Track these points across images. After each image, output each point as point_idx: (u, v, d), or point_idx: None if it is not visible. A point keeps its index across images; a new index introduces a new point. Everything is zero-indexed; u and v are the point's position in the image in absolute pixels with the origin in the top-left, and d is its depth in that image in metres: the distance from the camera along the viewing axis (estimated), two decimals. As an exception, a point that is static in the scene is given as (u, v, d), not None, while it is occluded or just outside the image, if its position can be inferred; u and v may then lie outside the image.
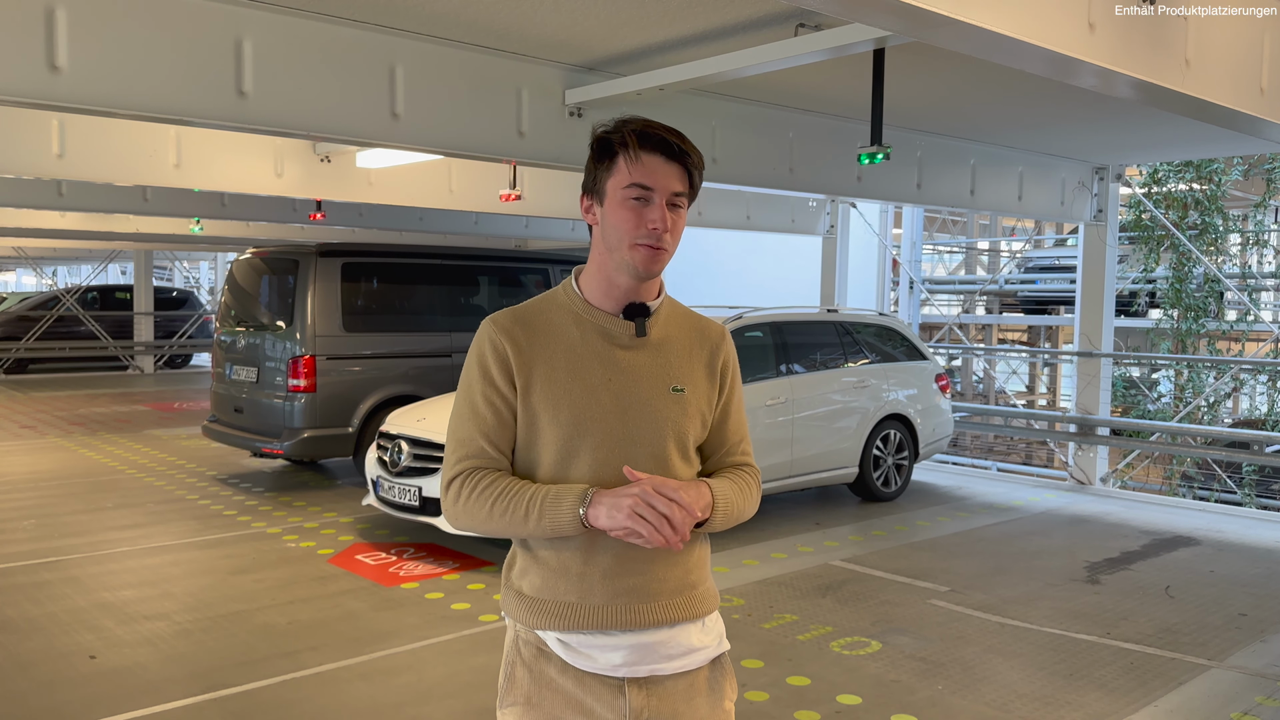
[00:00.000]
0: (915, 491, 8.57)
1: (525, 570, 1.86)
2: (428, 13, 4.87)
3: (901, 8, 2.81)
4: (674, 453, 1.84)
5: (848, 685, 4.29)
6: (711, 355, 1.93)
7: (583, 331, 1.84)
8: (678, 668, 1.85)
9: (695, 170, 1.81)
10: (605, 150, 1.80)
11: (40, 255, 24.12)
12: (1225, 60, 3.96)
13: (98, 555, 6.16)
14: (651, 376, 1.84)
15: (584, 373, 1.81)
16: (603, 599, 1.80)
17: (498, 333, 1.83)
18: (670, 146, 1.77)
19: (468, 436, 1.83)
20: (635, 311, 1.85)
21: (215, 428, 8.62)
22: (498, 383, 1.81)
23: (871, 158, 5.14)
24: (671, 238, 1.79)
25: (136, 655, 4.53)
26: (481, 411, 1.83)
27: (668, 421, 1.83)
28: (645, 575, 1.82)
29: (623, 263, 1.80)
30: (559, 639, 1.83)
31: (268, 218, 11.48)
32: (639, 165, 1.77)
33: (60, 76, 4.27)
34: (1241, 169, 13.89)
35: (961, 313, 18.26)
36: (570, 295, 1.88)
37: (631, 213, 1.77)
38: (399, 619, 5.07)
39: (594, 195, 1.84)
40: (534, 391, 1.80)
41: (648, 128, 1.79)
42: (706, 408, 1.90)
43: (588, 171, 1.85)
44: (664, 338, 1.89)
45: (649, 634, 1.82)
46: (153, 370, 19.69)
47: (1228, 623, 5.24)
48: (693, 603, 1.87)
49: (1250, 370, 14.01)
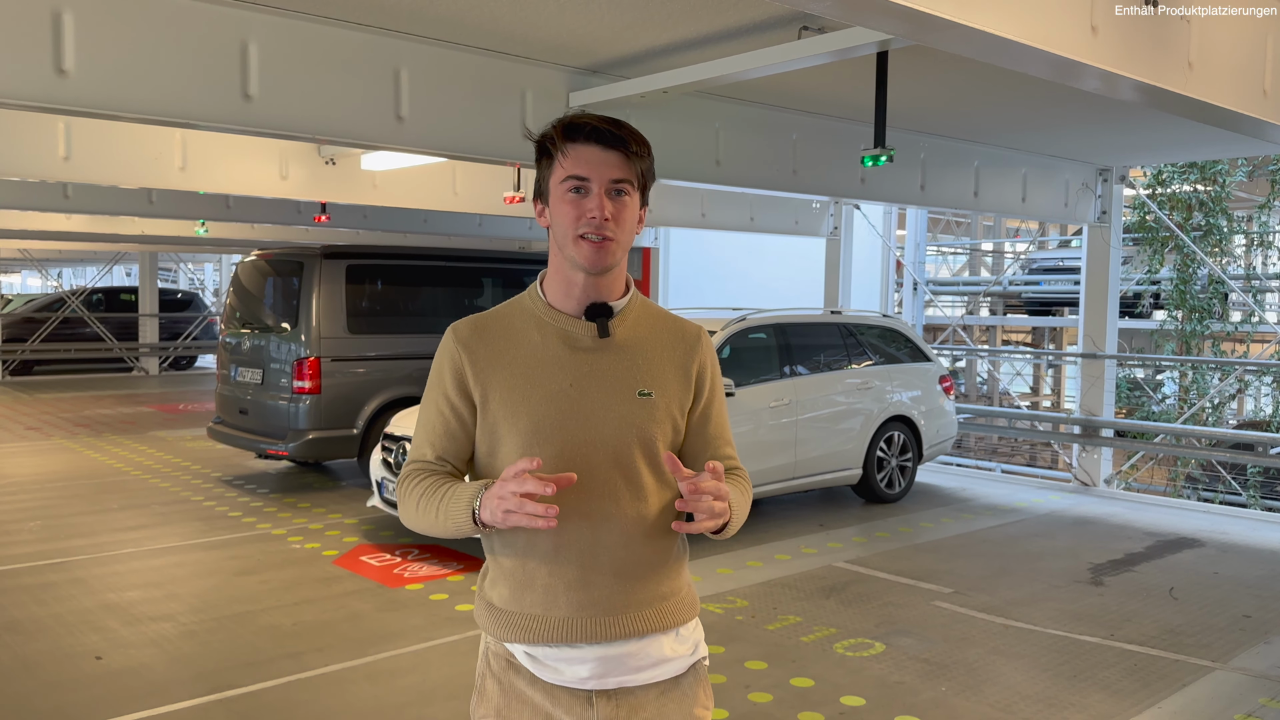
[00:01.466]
0: (919, 493, 8.57)
1: (495, 581, 1.83)
2: (432, 16, 4.89)
3: (903, 11, 2.82)
4: (640, 458, 1.77)
5: (851, 687, 4.30)
6: (686, 357, 1.86)
7: (544, 336, 1.79)
8: (648, 679, 1.80)
9: (637, 155, 1.74)
10: (542, 150, 1.78)
11: (46, 257, 24.19)
12: (1228, 62, 3.96)
13: (103, 556, 6.18)
14: (616, 379, 1.78)
15: (543, 379, 1.76)
16: (568, 611, 1.75)
17: (455, 343, 1.81)
18: (603, 134, 1.72)
19: (418, 444, 1.84)
20: (597, 311, 1.79)
21: (220, 429, 8.65)
22: (450, 394, 1.80)
23: (875, 160, 5.15)
24: (617, 225, 1.73)
25: (142, 656, 4.55)
26: (431, 420, 1.82)
27: (632, 427, 1.77)
28: (611, 588, 1.76)
29: (571, 259, 1.76)
30: (526, 652, 1.79)
31: (273, 220, 11.51)
32: (569, 156, 1.73)
33: (67, 80, 4.29)
34: (1246, 170, 13.87)
35: (965, 314, 18.24)
36: (534, 299, 1.85)
37: (570, 205, 1.73)
38: (403, 620, 5.08)
39: (541, 197, 1.81)
40: (492, 401, 1.77)
41: (576, 119, 1.75)
42: (678, 412, 1.83)
43: (536, 176, 1.83)
44: (632, 339, 1.82)
45: (617, 646, 1.77)
46: (158, 372, 19.74)
47: (1232, 624, 5.24)
48: (664, 614, 1.81)
49: (1255, 372, 13.98)
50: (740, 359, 7.14)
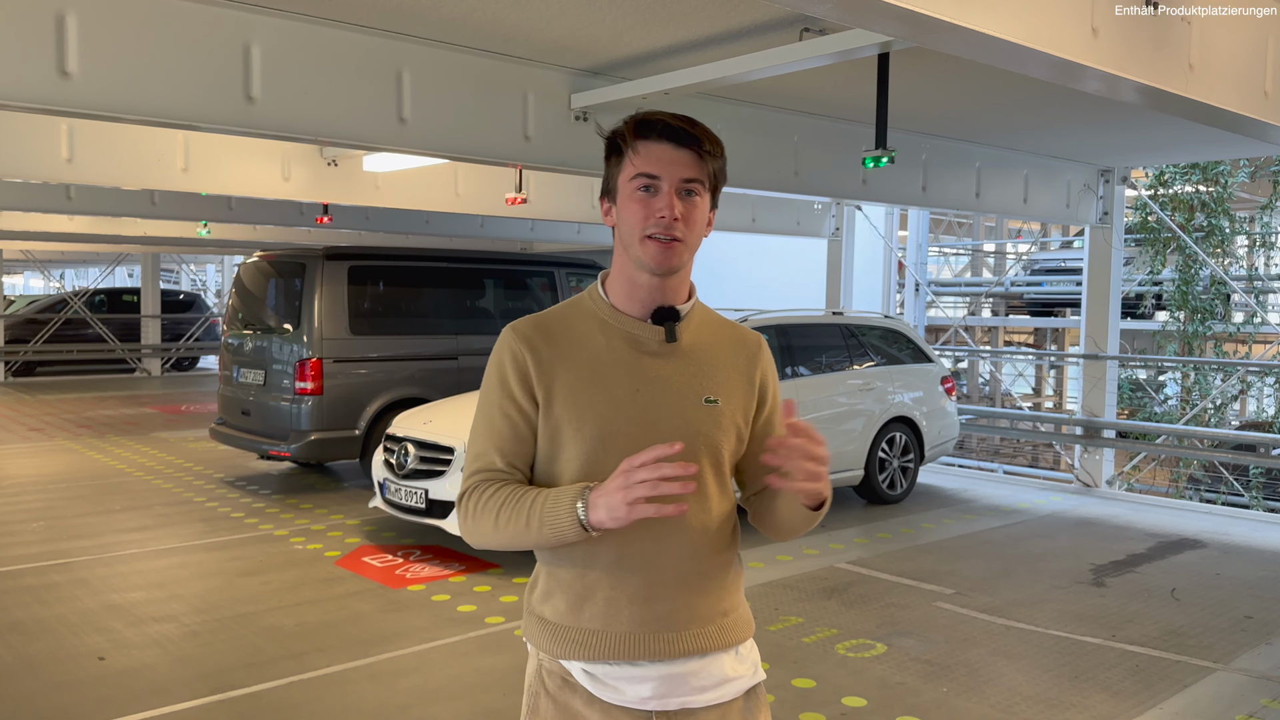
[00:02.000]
0: (921, 494, 8.57)
1: (548, 594, 1.75)
2: (434, 18, 4.90)
3: (904, 14, 2.83)
4: (707, 468, 1.71)
5: (853, 687, 4.30)
6: (749, 364, 1.81)
7: (608, 338, 1.73)
8: (710, 700, 1.72)
9: (710, 155, 1.69)
10: (612, 147, 1.72)
11: (48, 258, 24.24)
12: (1229, 64, 3.97)
13: (106, 557, 6.19)
14: (682, 386, 1.72)
15: (609, 383, 1.69)
16: (629, 627, 1.68)
17: (517, 341, 1.72)
18: (675, 132, 1.66)
19: (482, 450, 1.73)
20: (664, 316, 1.73)
21: (222, 430, 8.66)
22: (516, 395, 1.71)
23: (876, 161, 5.15)
24: (686, 226, 1.68)
25: (145, 657, 4.56)
26: (497, 425, 1.72)
27: (699, 435, 1.71)
28: (675, 601, 1.70)
29: (638, 259, 1.70)
30: (584, 670, 1.71)
31: (275, 221, 11.54)
32: (640, 154, 1.67)
33: (70, 82, 4.30)
34: (1248, 171, 13.87)
35: (967, 315, 18.24)
36: (596, 300, 1.77)
37: (639, 204, 1.68)
38: (405, 621, 5.09)
39: (609, 195, 1.76)
40: (556, 404, 1.69)
41: (649, 116, 1.69)
42: (743, 421, 1.77)
43: (604, 175, 1.78)
44: (696, 344, 1.77)
45: (680, 664, 1.70)
46: (160, 373, 19.76)
47: (1234, 625, 5.24)
48: (725, 630, 1.75)
49: (1257, 372, 13.97)
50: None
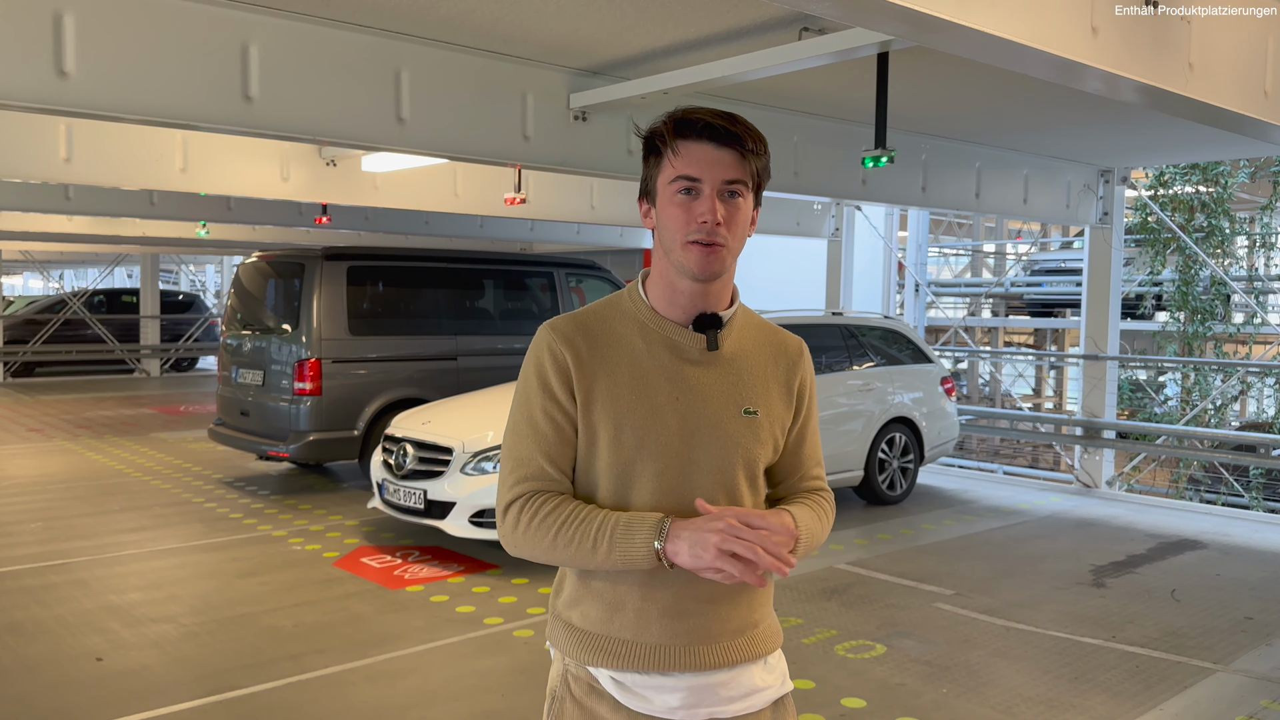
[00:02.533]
0: (920, 495, 8.56)
1: (576, 600, 1.72)
2: (433, 18, 4.89)
3: (904, 12, 2.82)
4: (742, 480, 1.69)
5: (853, 689, 4.29)
6: (789, 373, 1.77)
7: (649, 343, 1.68)
8: (739, 710, 1.71)
9: (753, 154, 1.63)
10: (650, 147, 1.66)
11: (47, 259, 24.23)
12: (1229, 63, 3.96)
13: (104, 558, 6.18)
14: (722, 396, 1.68)
15: (649, 389, 1.65)
16: (660, 638, 1.66)
17: (558, 341, 1.66)
18: (717, 131, 1.60)
19: (527, 455, 1.67)
20: (707, 323, 1.68)
21: (221, 431, 8.65)
22: (558, 395, 1.65)
23: (876, 161, 5.15)
24: (729, 230, 1.62)
25: (143, 658, 4.55)
26: (541, 427, 1.66)
27: (738, 447, 1.68)
28: (707, 615, 1.68)
29: (679, 265, 1.64)
30: (613, 677, 1.69)
31: (274, 221, 11.53)
32: (680, 155, 1.61)
33: (68, 82, 4.29)
34: (1248, 171, 13.86)
35: (967, 315, 18.23)
36: (636, 302, 1.72)
37: (679, 208, 1.62)
38: (404, 622, 5.08)
39: (647, 197, 1.70)
40: (595, 407, 1.65)
41: (688, 114, 1.62)
42: (780, 431, 1.75)
43: (643, 174, 1.72)
44: (737, 352, 1.72)
45: (709, 675, 1.69)
46: (159, 373, 19.75)
47: (1234, 626, 5.23)
48: (755, 642, 1.74)
49: (1257, 373, 13.97)
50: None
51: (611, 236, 14.56)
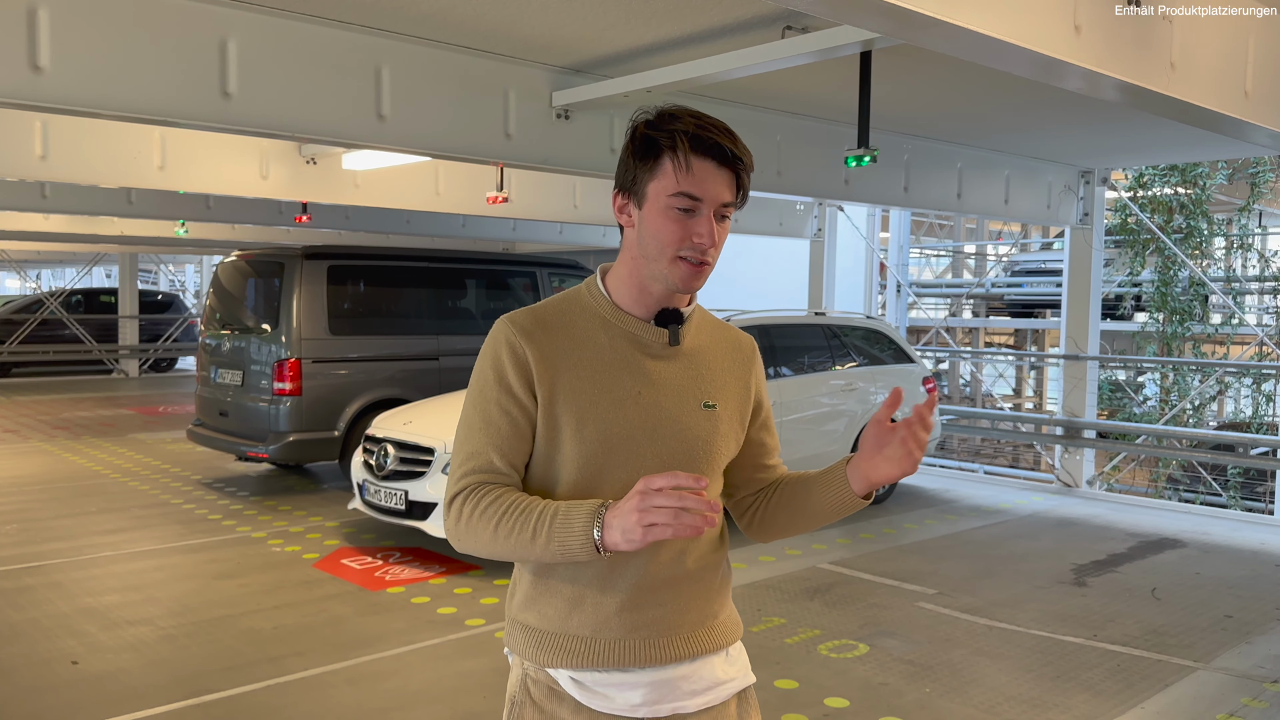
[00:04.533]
0: (902, 494, 8.58)
1: (531, 600, 1.70)
2: (414, 14, 4.85)
3: (888, 9, 2.81)
4: (704, 474, 1.69)
5: (836, 688, 4.28)
6: (744, 369, 1.79)
7: (611, 337, 1.67)
8: (702, 704, 1.71)
9: (746, 175, 1.63)
10: (650, 149, 1.61)
11: (24, 258, 23.98)
12: (1210, 63, 3.97)
13: (81, 560, 6.11)
14: (683, 390, 1.69)
15: (612, 383, 1.64)
16: (619, 633, 1.65)
17: (517, 334, 1.64)
18: (724, 152, 1.58)
19: (478, 449, 1.64)
20: (669, 318, 1.69)
21: (200, 431, 8.57)
22: (515, 390, 1.63)
23: (858, 160, 5.15)
24: (715, 251, 1.62)
25: (120, 661, 4.49)
26: (496, 421, 1.63)
27: (699, 440, 1.68)
28: (666, 606, 1.67)
29: (660, 275, 1.63)
30: (572, 678, 1.67)
31: (253, 220, 11.43)
32: (689, 174, 1.57)
33: (42, 77, 4.23)
34: (1226, 173, 13.97)
35: (948, 316, 18.30)
36: (596, 297, 1.71)
37: (675, 224, 1.59)
38: (385, 623, 5.03)
39: (631, 195, 1.64)
40: (558, 402, 1.63)
41: (701, 130, 1.58)
42: (738, 425, 1.76)
43: (624, 165, 1.65)
44: (696, 347, 1.74)
45: (671, 669, 1.68)
46: (137, 374, 19.57)
47: (1214, 625, 5.26)
48: (716, 633, 1.74)
49: (1235, 373, 14.08)
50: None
51: (594, 236, 14.54)
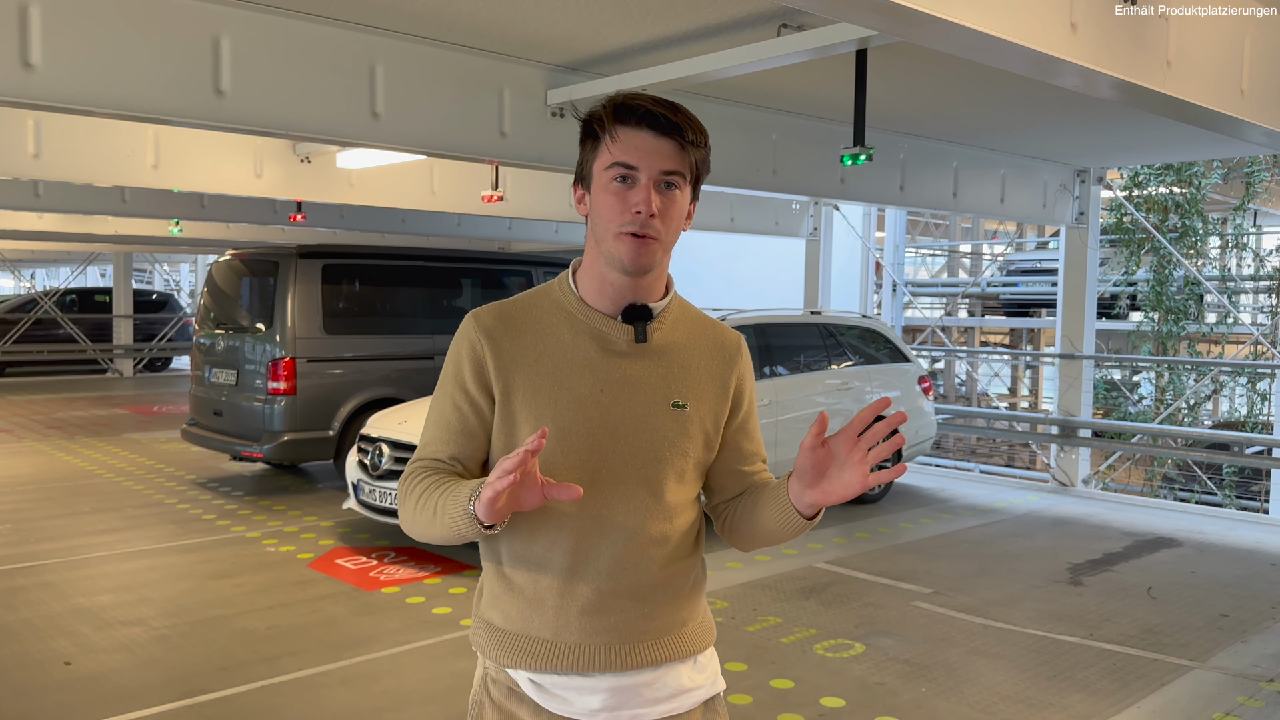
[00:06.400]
0: (898, 494, 8.57)
1: (496, 599, 1.67)
2: (408, 12, 4.84)
3: (885, 6, 2.80)
4: (670, 476, 1.64)
5: (832, 688, 4.27)
6: (725, 368, 1.72)
7: (575, 334, 1.64)
8: (664, 711, 1.66)
9: (693, 145, 1.57)
10: (588, 131, 1.61)
11: (18, 257, 23.91)
12: (1206, 61, 3.97)
13: (74, 560, 6.08)
14: (650, 389, 1.64)
15: (572, 381, 1.61)
16: (580, 636, 1.61)
17: (477, 331, 1.64)
18: (657, 119, 1.54)
19: (429, 439, 1.67)
20: (635, 314, 1.64)
21: (194, 431, 8.54)
22: (469, 387, 1.63)
23: (854, 159, 5.14)
24: (663, 223, 1.57)
25: (112, 661, 4.47)
26: (447, 416, 1.65)
27: (664, 441, 1.63)
28: (630, 613, 1.62)
29: (610, 256, 1.59)
30: (531, 679, 1.64)
31: (248, 219, 11.40)
32: (618, 142, 1.56)
33: (34, 74, 4.21)
34: (1221, 172, 13.99)
35: (944, 315, 18.31)
36: (565, 292, 1.68)
37: (614, 197, 1.56)
38: (379, 624, 5.02)
39: (583, 183, 1.64)
40: (515, 400, 1.61)
41: (629, 99, 1.57)
42: (712, 427, 1.69)
43: (579, 159, 1.67)
44: (670, 344, 1.68)
45: (633, 675, 1.63)
46: (132, 373, 19.52)
47: (1209, 623, 5.26)
48: (683, 640, 1.68)
49: (1230, 372, 14.10)
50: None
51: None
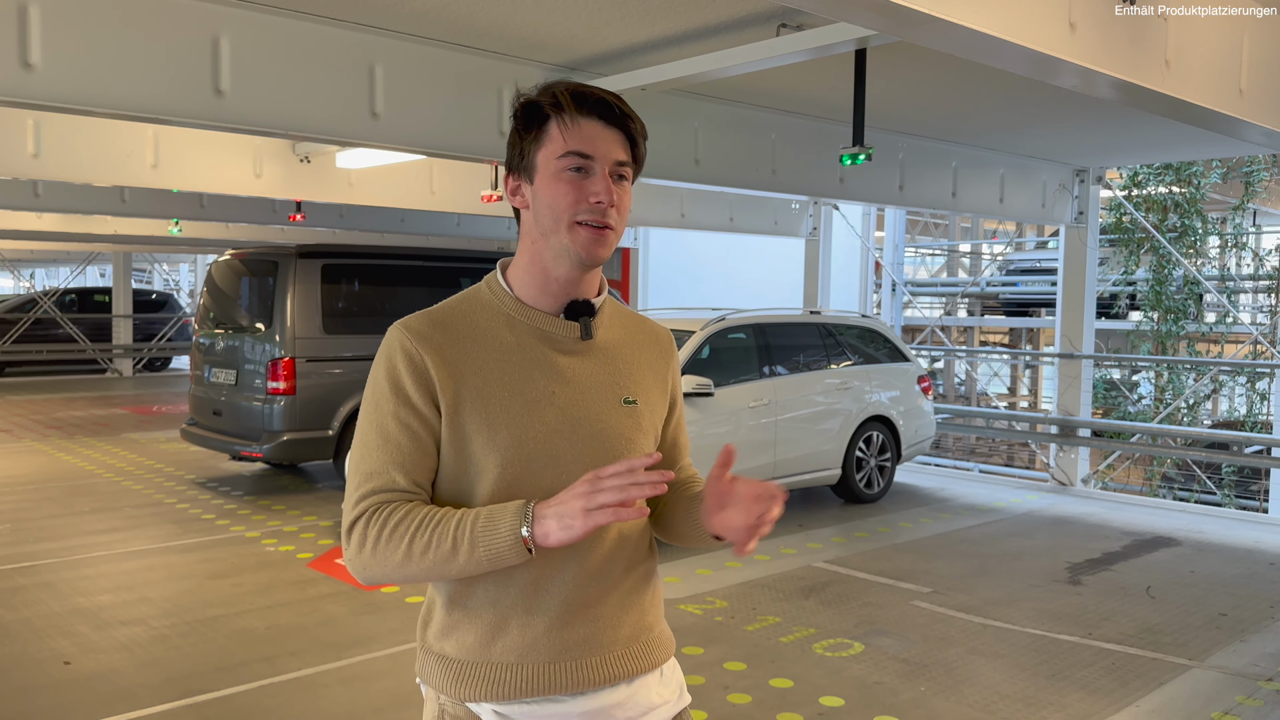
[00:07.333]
0: (897, 493, 8.58)
1: (450, 627, 1.56)
2: (408, 11, 4.84)
3: (884, 6, 2.80)
4: None
5: (831, 687, 4.28)
6: (662, 364, 1.70)
7: (518, 335, 1.56)
8: None
9: (639, 138, 1.55)
10: (533, 117, 1.53)
11: (17, 257, 23.91)
12: (1205, 61, 3.97)
13: (73, 560, 6.08)
14: (601, 386, 1.58)
15: (523, 385, 1.53)
16: (549, 656, 1.52)
17: (413, 340, 1.53)
18: (610, 109, 1.51)
19: (377, 468, 1.50)
20: (579, 310, 1.58)
21: (194, 431, 8.54)
22: (415, 401, 1.50)
23: (853, 159, 5.14)
24: (618, 215, 1.52)
25: (112, 661, 4.47)
26: (395, 437, 1.50)
27: (621, 438, 1.57)
28: (599, 622, 1.56)
29: (561, 248, 1.52)
30: (496, 711, 1.53)
31: (247, 219, 11.40)
32: (575, 130, 1.49)
33: (34, 74, 4.21)
34: (1220, 172, 14.00)
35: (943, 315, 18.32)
36: (497, 292, 1.60)
37: (569, 185, 1.50)
38: (379, 623, 5.02)
39: (521, 173, 1.56)
40: (464, 410, 1.50)
41: (580, 86, 1.52)
42: (659, 422, 1.67)
43: (511, 146, 1.57)
44: (610, 341, 1.63)
45: (604, 694, 1.56)
46: (131, 373, 19.52)
47: (1208, 623, 5.26)
48: (650, 649, 1.63)
49: (1229, 372, 14.11)
50: (719, 359, 7.12)
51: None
